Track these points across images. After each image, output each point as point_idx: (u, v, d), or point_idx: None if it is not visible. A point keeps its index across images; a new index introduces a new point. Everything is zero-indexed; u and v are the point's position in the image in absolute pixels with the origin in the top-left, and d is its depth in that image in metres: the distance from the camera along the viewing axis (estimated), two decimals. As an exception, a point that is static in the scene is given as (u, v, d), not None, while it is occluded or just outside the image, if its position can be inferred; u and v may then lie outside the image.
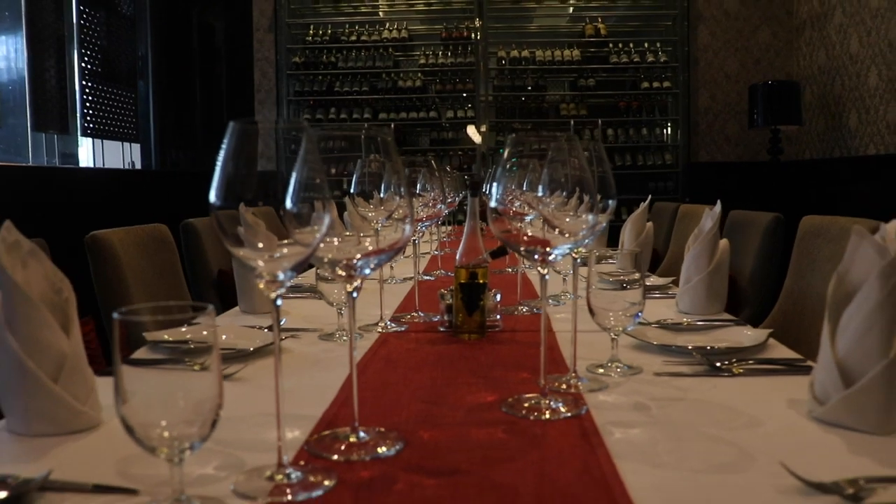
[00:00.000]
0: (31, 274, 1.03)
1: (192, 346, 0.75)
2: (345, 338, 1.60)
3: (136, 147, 6.57)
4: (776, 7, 6.89)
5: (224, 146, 0.80)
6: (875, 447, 0.95)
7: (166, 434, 0.72)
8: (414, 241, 2.10)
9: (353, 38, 7.08)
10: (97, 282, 2.28)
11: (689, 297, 1.88)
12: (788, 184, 6.16)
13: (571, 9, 7.20)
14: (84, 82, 5.76)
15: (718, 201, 1.96)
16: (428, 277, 2.55)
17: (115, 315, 0.70)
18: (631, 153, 6.94)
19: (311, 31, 7.14)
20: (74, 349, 1.04)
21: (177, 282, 2.68)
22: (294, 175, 0.83)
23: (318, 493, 0.81)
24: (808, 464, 0.85)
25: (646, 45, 6.94)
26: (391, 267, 2.51)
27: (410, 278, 2.38)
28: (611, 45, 6.94)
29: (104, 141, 5.99)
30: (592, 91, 6.97)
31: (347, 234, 1.08)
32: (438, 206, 1.99)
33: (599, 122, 6.86)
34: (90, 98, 5.82)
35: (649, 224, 2.65)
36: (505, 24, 7.19)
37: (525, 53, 6.95)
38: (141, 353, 1.42)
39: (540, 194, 1.16)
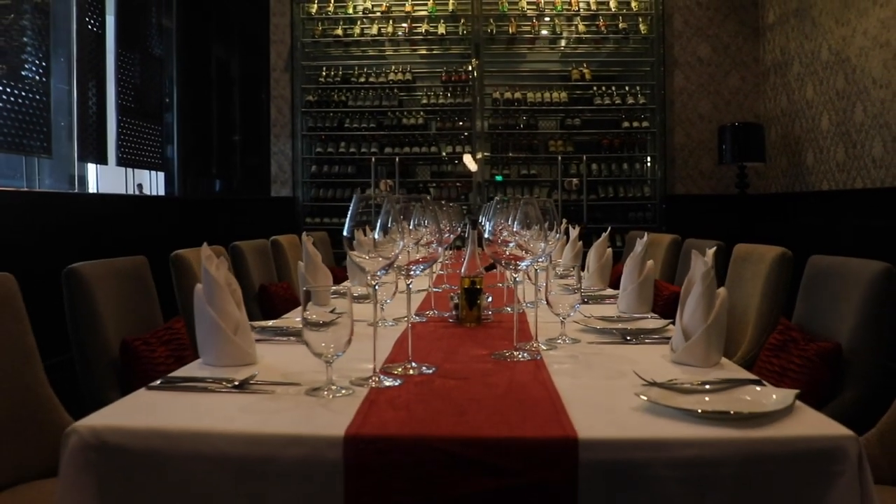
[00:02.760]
0: (220, 273, 1.78)
1: (333, 310, 1.50)
2: (388, 324, 2.34)
3: (134, 173, 7.25)
4: (745, 54, 7.46)
5: (352, 204, 1.55)
6: (696, 372, 1.70)
7: (324, 351, 1.47)
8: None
9: (362, 79, 7.68)
10: (180, 292, 3.00)
11: (625, 301, 2.63)
12: (753, 215, 6.76)
13: (559, 54, 7.80)
14: (120, 116, 6.50)
15: (646, 233, 2.71)
16: (437, 289, 3.29)
17: (304, 288, 1.44)
18: (613, 186, 7.50)
19: (323, 73, 7.72)
20: (243, 318, 1.78)
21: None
22: (380, 219, 1.58)
23: (395, 384, 1.56)
24: (655, 377, 1.58)
25: (627, 88, 7.49)
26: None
27: (424, 290, 3.12)
28: (595, 88, 7.48)
29: (99, 166, 6.61)
30: (578, 129, 7.49)
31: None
32: (447, 235, 2.75)
33: (584, 157, 7.42)
34: (124, 130, 6.54)
35: (609, 250, 3.40)
36: (499, 68, 7.76)
37: (517, 95, 7.52)
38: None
39: (515, 228, 1.91)
